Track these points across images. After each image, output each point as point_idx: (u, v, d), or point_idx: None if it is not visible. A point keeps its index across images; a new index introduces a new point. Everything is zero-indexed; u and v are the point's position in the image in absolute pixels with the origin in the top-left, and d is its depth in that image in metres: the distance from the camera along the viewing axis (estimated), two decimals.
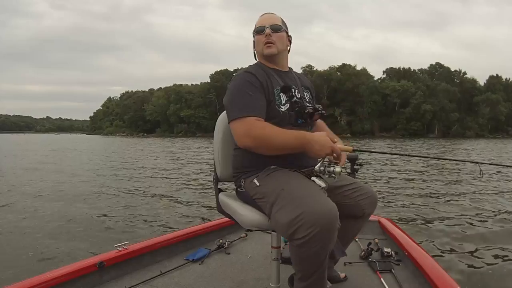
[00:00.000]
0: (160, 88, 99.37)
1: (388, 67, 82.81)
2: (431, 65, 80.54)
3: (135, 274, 1.90)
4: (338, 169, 1.29)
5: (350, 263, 2.00)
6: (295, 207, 1.17)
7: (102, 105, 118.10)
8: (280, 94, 1.46)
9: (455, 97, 68.91)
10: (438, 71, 78.81)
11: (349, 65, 77.17)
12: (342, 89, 71.81)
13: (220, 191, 1.66)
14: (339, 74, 74.89)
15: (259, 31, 1.51)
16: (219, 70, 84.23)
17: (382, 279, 1.79)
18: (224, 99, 1.44)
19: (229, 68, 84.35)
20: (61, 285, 1.62)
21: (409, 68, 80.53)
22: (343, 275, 1.80)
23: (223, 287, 1.79)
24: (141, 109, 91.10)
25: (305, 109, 1.45)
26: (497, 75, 77.07)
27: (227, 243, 2.30)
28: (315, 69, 77.97)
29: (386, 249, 2.11)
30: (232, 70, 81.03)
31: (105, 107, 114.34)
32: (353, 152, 1.45)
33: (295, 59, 1.69)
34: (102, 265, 1.76)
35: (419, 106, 66.84)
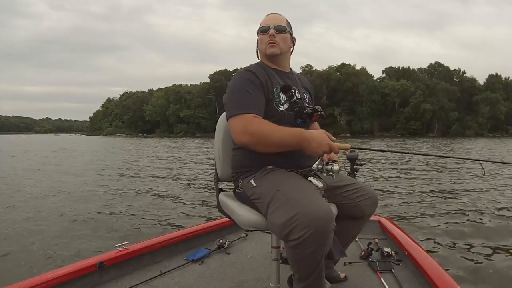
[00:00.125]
0: (159, 88, 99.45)
1: (387, 67, 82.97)
2: (431, 64, 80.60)
3: (135, 274, 1.91)
4: (336, 167, 1.29)
5: (350, 263, 2.00)
6: (290, 208, 1.17)
7: (101, 106, 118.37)
8: (279, 93, 1.46)
9: (455, 96, 68.94)
10: (437, 70, 78.81)
11: (349, 64, 77.19)
12: (341, 89, 71.82)
13: (220, 191, 1.66)
14: (338, 73, 74.86)
15: (263, 31, 1.51)
16: (219, 70, 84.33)
17: (382, 279, 1.79)
18: (223, 97, 1.44)
19: (229, 68, 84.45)
20: (61, 285, 1.62)
21: (409, 67, 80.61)
22: (343, 275, 1.80)
23: (223, 287, 1.79)
24: (140, 109, 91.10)
25: (304, 109, 1.45)
26: (496, 74, 77.11)
27: (227, 243, 2.30)
28: (314, 69, 78.03)
29: (386, 249, 2.11)
30: (231, 70, 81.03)
31: (104, 107, 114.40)
32: (351, 149, 1.45)
33: (294, 59, 1.69)
34: (102, 265, 1.76)
35: (419, 105, 66.84)
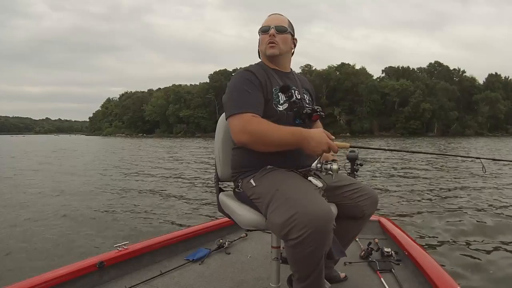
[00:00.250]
0: (159, 88, 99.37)
1: (387, 66, 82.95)
2: (430, 63, 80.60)
3: (135, 274, 1.91)
4: (335, 166, 1.29)
5: (350, 263, 2.00)
6: (289, 207, 1.17)
7: (101, 106, 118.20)
8: (278, 93, 1.46)
9: (454, 96, 68.94)
10: (437, 70, 78.81)
11: (348, 64, 77.16)
12: (341, 88, 71.80)
13: (220, 191, 1.66)
14: (338, 73, 74.84)
15: (264, 31, 1.52)
16: (218, 70, 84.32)
17: (382, 279, 1.79)
18: (223, 97, 1.45)
19: (228, 68, 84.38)
20: (61, 285, 1.62)
21: (408, 67, 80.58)
22: (343, 275, 1.80)
23: (223, 287, 1.79)
24: (140, 109, 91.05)
25: (303, 109, 1.45)
26: (496, 73, 77.14)
27: (227, 243, 2.30)
28: (314, 69, 78.01)
29: (386, 249, 2.11)
30: (231, 70, 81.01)
31: (104, 107, 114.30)
32: (350, 148, 1.44)
33: (294, 59, 1.70)
34: (102, 265, 1.76)
35: (418, 104, 66.84)
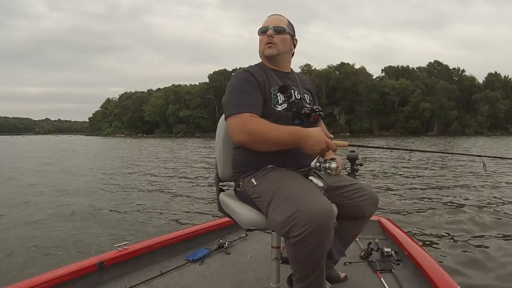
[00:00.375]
0: (158, 88, 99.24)
1: (386, 66, 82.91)
2: (430, 63, 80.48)
3: (135, 274, 1.91)
4: (334, 165, 1.30)
5: (350, 263, 2.00)
6: (290, 205, 1.18)
7: (100, 106, 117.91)
8: (277, 94, 1.47)
9: (454, 95, 68.90)
10: (436, 69, 78.73)
11: (348, 64, 77.09)
12: (340, 88, 71.75)
13: (221, 191, 1.67)
14: (337, 73, 74.80)
15: (262, 31, 1.54)
16: (218, 70, 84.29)
17: (382, 279, 1.79)
18: (223, 97, 1.46)
19: (228, 68, 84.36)
20: (61, 285, 1.63)
21: (408, 66, 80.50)
22: (343, 275, 1.81)
23: (223, 287, 1.80)
24: (139, 109, 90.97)
25: (302, 109, 1.45)
26: (495, 72, 77.04)
27: (227, 243, 2.30)
28: (313, 68, 77.96)
29: (386, 249, 2.12)
30: (230, 70, 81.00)
31: (103, 108, 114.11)
32: (349, 147, 1.45)
33: (294, 59, 1.72)
34: (102, 265, 1.76)
35: (418, 104, 66.78)
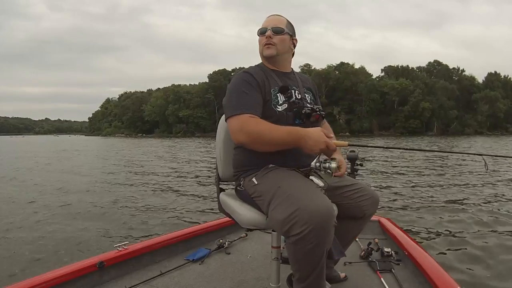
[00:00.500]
0: (158, 88, 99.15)
1: (386, 65, 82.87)
2: (429, 62, 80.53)
3: (135, 274, 1.91)
4: (334, 164, 1.30)
5: (350, 263, 2.00)
6: (291, 204, 1.18)
7: (100, 106, 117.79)
8: (277, 94, 1.47)
9: (454, 95, 68.91)
10: (436, 69, 78.75)
11: (347, 63, 77.05)
12: (340, 88, 71.71)
13: (221, 191, 1.67)
14: (337, 72, 74.77)
15: (261, 32, 1.54)
16: (218, 70, 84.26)
17: (382, 279, 1.80)
18: (223, 99, 1.46)
19: (228, 68, 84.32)
20: (61, 285, 1.63)
21: (407, 66, 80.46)
22: (343, 275, 1.81)
23: (223, 287, 1.80)
24: (139, 109, 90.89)
25: (302, 109, 1.45)
26: (495, 72, 77.06)
27: (227, 243, 2.30)
28: (313, 68, 77.92)
29: (386, 249, 2.12)
30: (230, 70, 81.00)
31: (103, 108, 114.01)
32: (349, 147, 1.45)
33: (294, 59, 1.73)
34: (102, 265, 1.76)
35: (418, 104, 66.76)
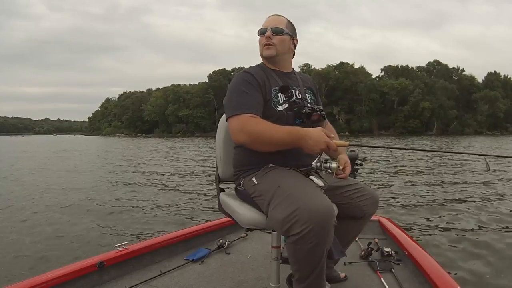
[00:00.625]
0: (158, 88, 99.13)
1: (386, 65, 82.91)
2: (429, 62, 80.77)
3: (135, 274, 1.91)
4: (334, 164, 1.30)
5: (350, 262, 2.00)
6: (291, 203, 1.18)
7: (100, 106, 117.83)
8: (278, 94, 1.47)
9: (454, 94, 68.98)
10: (436, 69, 78.89)
11: (347, 63, 77.13)
12: (340, 88, 71.77)
13: (221, 191, 1.67)
14: (337, 72, 74.80)
15: (261, 33, 1.54)
16: (217, 70, 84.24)
17: (382, 279, 1.79)
18: (223, 99, 1.47)
19: (227, 68, 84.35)
20: (61, 285, 1.63)
21: (407, 66, 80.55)
22: (343, 275, 1.81)
23: (223, 287, 1.80)
24: (139, 109, 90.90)
25: (303, 109, 1.45)
26: (495, 72, 77.17)
27: (227, 243, 2.30)
28: (313, 68, 77.92)
29: (386, 249, 2.12)
30: (230, 69, 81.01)
31: (103, 108, 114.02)
32: (349, 147, 1.45)
33: (294, 59, 1.73)
34: (102, 265, 1.76)
35: (418, 103, 66.85)
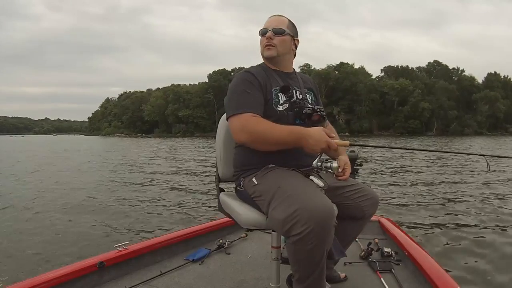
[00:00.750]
0: (158, 88, 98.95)
1: (386, 65, 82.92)
2: (429, 63, 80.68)
3: (135, 274, 1.91)
4: (335, 164, 1.30)
5: (350, 263, 2.00)
6: (291, 204, 1.18)
7: (100, 106, 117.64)
8: (278, 94, 1.47)
9: (453, 95, 68.96)
10: (436, 69, 78.87)
11: (347, 63, 77.01)
12: (340, 88, 71.64)
13: (221, 191, 1.67)
14: (337, 72, 74.72)
15: (262, 33, 1.54)
16: (217, 70, 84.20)
17: (382, 279, 1.79)
18: (224, 98, 1.47)
19: (227, 68, 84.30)
20: (61, 285, 1.62)
21: (407, 66, 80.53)
22: (343, 275, 1.81)
23: (223, 287, 1.80)
24: (139, 109, 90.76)
25: (303, 109, 1.45)
26: (495, 72, 77.15)
27: (227, 243, 2.30)
28: (313, 68, 77.88)
29: (386, 249, 2.11)
30: (230, 69, 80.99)
31: (103, 108, 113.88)
32: (350, 147, 1.45)
33: (294, 59, 1.74)
34: (102, 265, 1.76)
35: (417, 104, 66.80)
